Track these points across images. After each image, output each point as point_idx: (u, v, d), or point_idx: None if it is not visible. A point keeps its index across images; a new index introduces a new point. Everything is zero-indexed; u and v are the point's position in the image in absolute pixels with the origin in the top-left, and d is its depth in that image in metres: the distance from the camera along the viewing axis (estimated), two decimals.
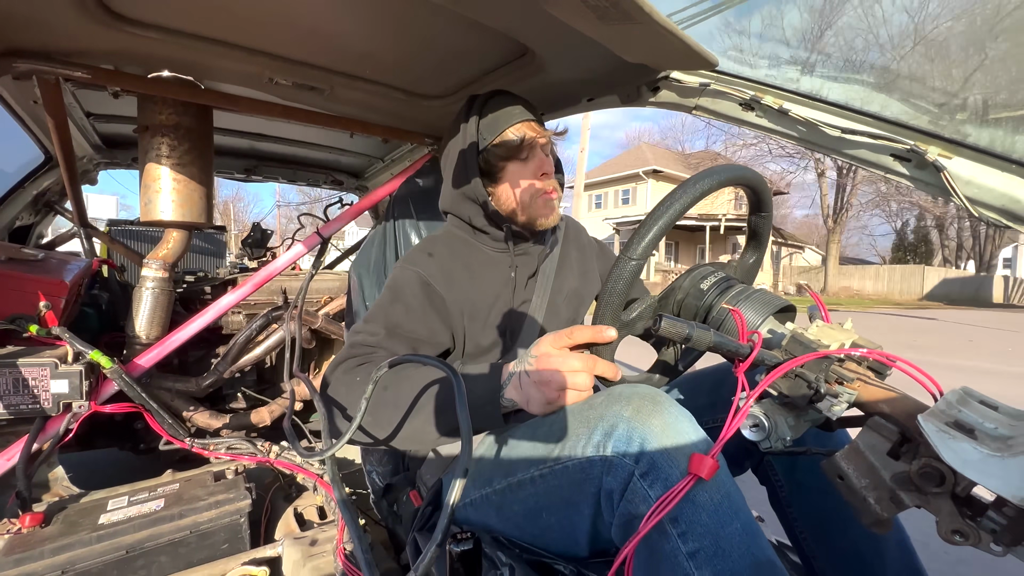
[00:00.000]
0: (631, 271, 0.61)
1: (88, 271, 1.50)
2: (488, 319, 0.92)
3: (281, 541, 0.93)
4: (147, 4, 0.88)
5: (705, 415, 0.78)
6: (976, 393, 0.48)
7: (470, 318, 0.90)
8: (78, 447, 1.41)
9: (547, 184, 0.91)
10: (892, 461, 0.47)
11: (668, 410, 0.58)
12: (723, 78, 0.94)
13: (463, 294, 0.89)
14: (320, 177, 2.23)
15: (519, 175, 0.91)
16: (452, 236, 0.99)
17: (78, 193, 1.56)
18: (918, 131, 0.75)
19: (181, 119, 1.26)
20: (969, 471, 0.39)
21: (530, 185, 0.90)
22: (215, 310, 1.35)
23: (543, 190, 0.91)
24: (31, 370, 0.98)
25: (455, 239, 0.98)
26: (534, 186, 0.90)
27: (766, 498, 0.89)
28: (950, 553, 1.49)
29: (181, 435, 1.23)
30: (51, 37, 0.95)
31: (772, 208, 0.76)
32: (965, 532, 0.41)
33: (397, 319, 0.85)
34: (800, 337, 0.57)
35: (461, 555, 0.61)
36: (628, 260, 0.61)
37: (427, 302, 0.87)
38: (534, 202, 0.91)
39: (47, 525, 0.89)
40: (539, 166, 0.91)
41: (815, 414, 0.55)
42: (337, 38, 0.99)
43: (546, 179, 0.91)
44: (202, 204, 1.35)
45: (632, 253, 0.61)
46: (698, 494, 0.52)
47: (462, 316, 0.89)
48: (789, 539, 0.87)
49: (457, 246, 0.96)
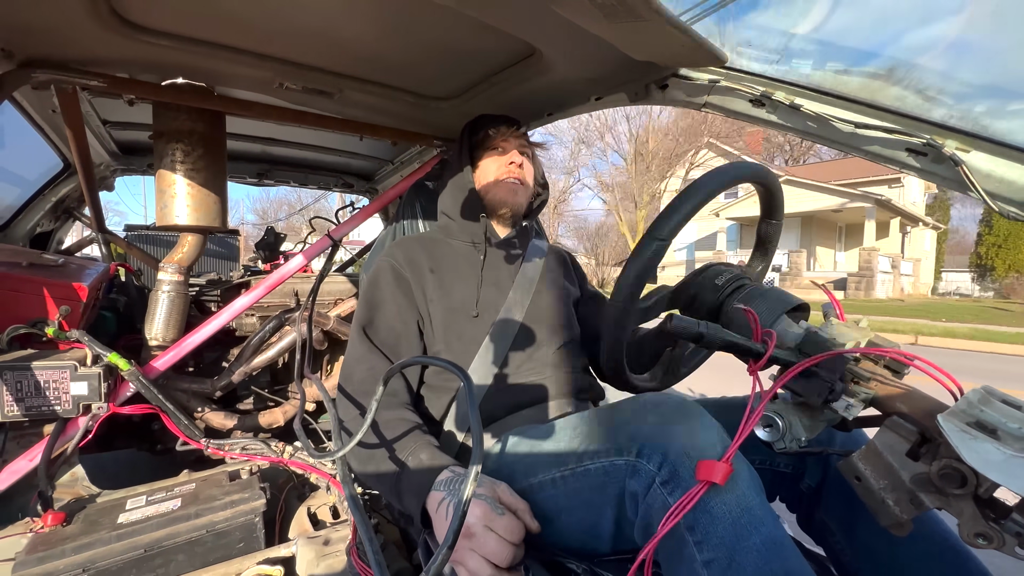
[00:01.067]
0: (654, 251, 0.61)
1: (106, 275, 1.53)
2: (458, 308, 0.97)
3: (295, 541, 0.93)
4: (160, 13, 0.90)
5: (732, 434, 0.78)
6: (998, 392, 0.47)
7: (438, 305, 0.96)
8: (97, 448, 1.43)
9: (512, 170, 1.05)
10: (911, 462, 0.46)
11: (694, 419, 0.58)
12: (733, 74, 0.92)
13: (429, 281, 0.99)
14: (331, 180, 2.25)
15: (491, 163, 1.07)
16: (427, 236, 1.13)
17: (96, 199, 1.59)
18: (934, 124, 0.73)
19: (195, 125, 1.28)
20: (991, 472, 0.38)
21: (498, 169, 1.06)
22: (229, 312, 1.37)
23: (509, 174, 1.05)
24: (51, 373, 1.01)
25: (429, 238, 1.11)
26: (501, 170, 1.06)
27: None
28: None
29: (196, 436, 1.25)
30: (68, 48, 0.97)
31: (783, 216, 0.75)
32: (988, 535, 0.40)
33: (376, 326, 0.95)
34: (815, 336, 0.56)
35: None
36: (653, 240, 0.60)
37: (397, 289, 0.98)
38: (499, 185, 1.05)
39: (68, 524, 0.91)
40: (509, 158, 1.06)
41: (831, 414, 0.54)
42: (346, 42, 1.00)
43: (513, 167, 1.05)
44: (216, 208, 1.37)
45: (659, 233, 0.60)
46: (715, 506, 0.52)
47: (426, 301, 0.98)
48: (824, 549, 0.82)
49: (428, 243, 1.08)
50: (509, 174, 1.05)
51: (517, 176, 1.06)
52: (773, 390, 0.52)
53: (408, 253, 1.03)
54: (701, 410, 0.60)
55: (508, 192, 1.05)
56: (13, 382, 0.98)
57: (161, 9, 0.89)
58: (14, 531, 0.90)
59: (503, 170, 1.06)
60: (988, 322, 8.66)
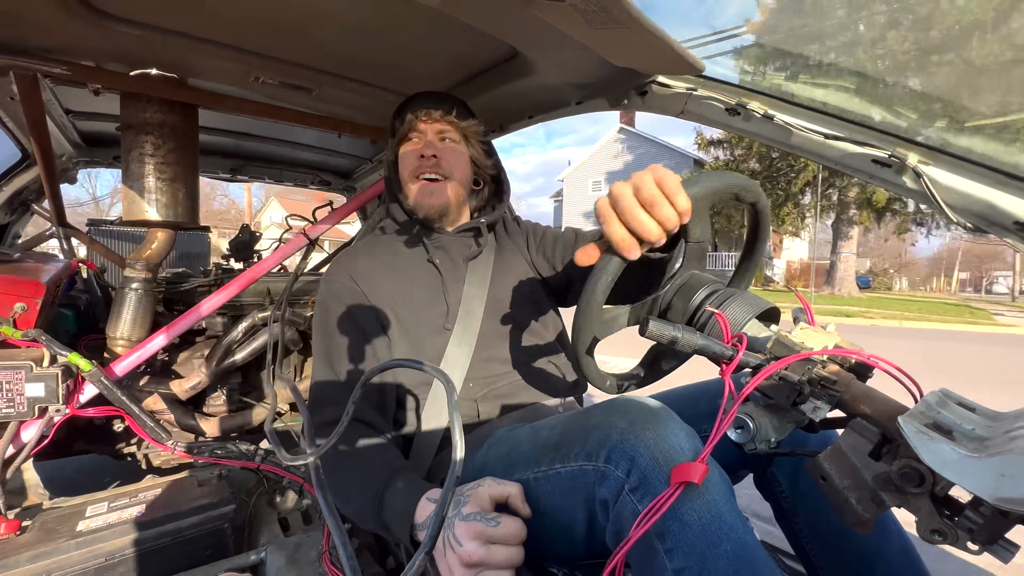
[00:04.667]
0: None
1: (66, 272, 1.46)
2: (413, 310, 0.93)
3: (265, 546, 0.91)
4: (131, 1, 0.86)
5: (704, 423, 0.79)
6: (955, 395, 0.49)
7: (393, 309, 0.92)
8: (54, 453, 1.37)
9: (423, 164, 0.94)
10: (873, 462, 0.47)
11: (663, 423, 0.57)
12: (710, 83, 0.95)
13: (383, 287, 0.93)
14: (308, 177, 2.20)
15: (405, 157, 0.98)
16: (372, 240, 1.05)
17: (56, 192, 1.52)
18: (898, 137, 0.77)
19: (166, 117, 1.24)
20: (947, 471, 0.40)
21: (411, 165, 0.96)
22: (199, 312, 1.33)
23: (419, 169, 0.95)
24: (4, 373, 0.96)
25: (374, 241, 1.03)
26: (413, 165, 0.96)
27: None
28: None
29: (164, 439, 1.21)
30: (29, 32, 0.93)
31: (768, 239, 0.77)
32: (944, 531, 0.42)
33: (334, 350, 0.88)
34: (784, 339, 0.58)
35: None
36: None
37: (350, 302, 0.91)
38: (412, 184, 0.96)
39: (22, 533, 0.86)
40: (420, 149, 0.95)
41: (799, 415, 0.56)
42: (325, 38, 0.99)
43: (423, 161, 0.94)
44: (187, 204, 1.33)
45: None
46: (686, 512, 0.52)
47: (385, 308, 0.92)
48: (794, 550, 0.86)
49: (375, 247, 1.01)
50: (421, 171, 0.94)
51: (431, 172, 0.94)
52: (745, 392, 0.54)
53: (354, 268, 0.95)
54: (670, 413, 0.60)
55: (422, 195, 0.95)
56: None
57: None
58: None
59: (416, 166, 0.95)
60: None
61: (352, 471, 0.75)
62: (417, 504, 0.65)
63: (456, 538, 0.58)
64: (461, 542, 0.57)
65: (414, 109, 0.97)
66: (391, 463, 0.75)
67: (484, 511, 0.60)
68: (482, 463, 0.77)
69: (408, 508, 0.65)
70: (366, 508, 0.70)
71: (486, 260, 1.02)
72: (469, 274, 0.99)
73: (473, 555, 0.56)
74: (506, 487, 0.63)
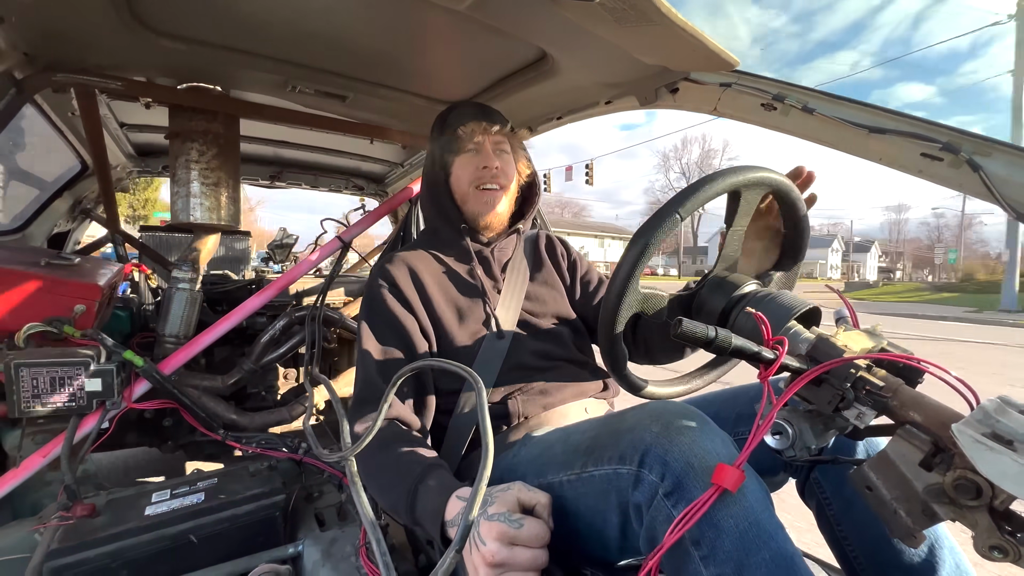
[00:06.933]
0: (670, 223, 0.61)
1: (121, 275, 1.55)
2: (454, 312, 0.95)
3: (303, 540, 0.94)
4: (178, 17, 0.92)
5: (740, 426, 0.78)
6: (1016, 402, 0.46)
7: (434, 310, 0.94)
8: (108, 445, 1.46)
9: (485, 175, 0.98)
10: (924, 472, 0.45)
11: (698, 428, 0.56)
12: (745, 77, 0.92)
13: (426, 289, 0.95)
14: (341, 183, 2.27)
15: (462, 166, 1.00)
16: (416, 243, 1.09)
17: (112, 200, 1.62)
18: (951, 129, 0.72)
19: (210, 126, 1.30)
20: (1008, 484, 0.38)
21: (470, 176, 0.99)
22: (242, 311, 1.39)
23: (480, 180, 0.98)
24: (66, 369, 1.03)
25: (417, 244, 1.06)
26: (473, 176, 0.98)
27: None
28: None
29: (215, 428, 1.27)
30: (88, 51, 1.00)
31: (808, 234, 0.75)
32: (1004, 548, 0.39)
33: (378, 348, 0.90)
34: (826, 342, 0.56)
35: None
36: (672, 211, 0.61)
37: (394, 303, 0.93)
38: (474, 196, 0.99)
39: (96, 516, 0.92)
40: (481, 160, 0.98)
41: (842, 422, 0.53)
42: (358, 46, 1.01)
43: (486, 172, 0.98)
44: (230, 208, 1.39)
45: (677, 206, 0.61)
46: (722, 519, 0.50)
47: (427, 309, 0.94)
48: (838, 560, 0.82)
49: (419, 250, 1.03)
50: (482, 181, 0.98)
51: (493, 183, 0.99)
52: (784, 397, 0.52)
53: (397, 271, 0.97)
54: (705, 418, 0.58)
55: (483, 204, 0.99)
56: (29, 379, 1.00)
57: (179, 13, 0.90)
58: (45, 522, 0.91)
59: (476, 176, 0.98)
60: None
61: (387, 468, 0.77)
62: (448, 502, 0.66)
63: (480, 537, 0.58)
64: (485, 541, 0.58)
65: (467, 120, 1.00)
66: (426, 460, 0.76)
67: (509, 512, 0.60)
68: (511, 465, 0.77)
69: (439, 506, 0.66)
70: (400, 503, 0.71)
71: (523, 266, 1.05)
72: (507, 279, 1.02)
73: (496, 555, 0.56)
74: (536, 495, 0.63)
